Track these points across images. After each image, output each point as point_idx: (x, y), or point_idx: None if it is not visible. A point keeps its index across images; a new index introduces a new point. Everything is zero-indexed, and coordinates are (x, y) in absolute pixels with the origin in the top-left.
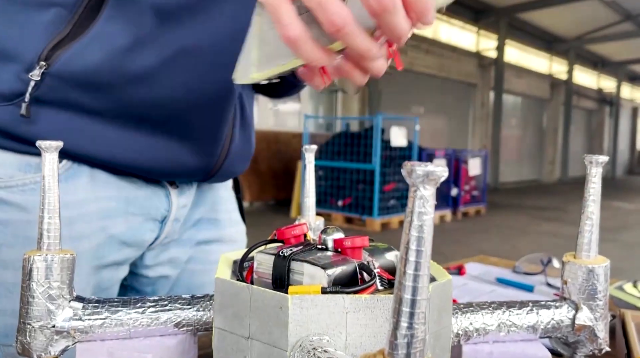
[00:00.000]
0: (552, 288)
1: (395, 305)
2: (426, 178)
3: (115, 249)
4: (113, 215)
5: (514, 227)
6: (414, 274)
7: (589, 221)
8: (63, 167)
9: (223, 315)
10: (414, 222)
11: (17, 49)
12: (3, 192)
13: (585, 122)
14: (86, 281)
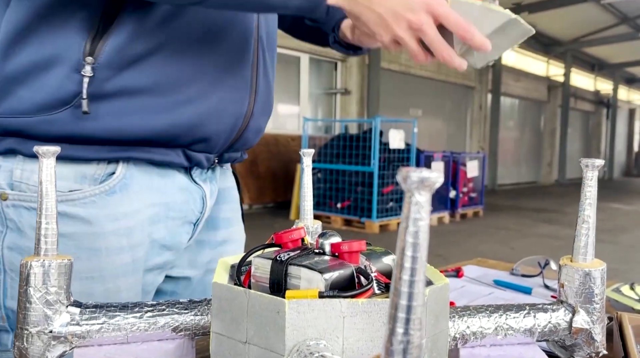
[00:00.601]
0: (550, 290)
1: (391, 311)
2: (421, 184)
3: (157, 253)
4: (157, 221)
5: (512, 229)
6: (409, 280)
7: (585, 224)
8: (117, 177)
9: (220, 319)
10: (409, 228)
11: (58, 53)
12: (65, 206)
13: (583, 124)
14: (137, 289)
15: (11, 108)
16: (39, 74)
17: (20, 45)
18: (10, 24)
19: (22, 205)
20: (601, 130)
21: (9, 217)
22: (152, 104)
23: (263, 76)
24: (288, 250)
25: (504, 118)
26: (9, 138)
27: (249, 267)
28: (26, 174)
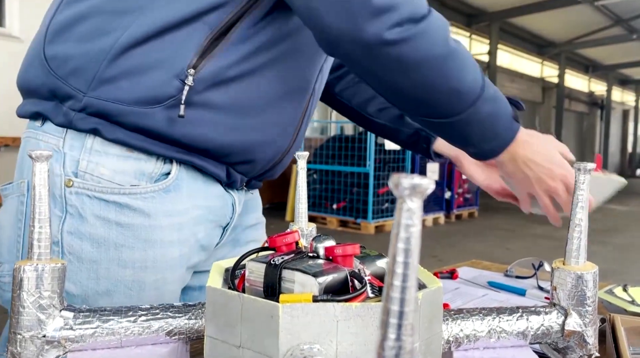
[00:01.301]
0: (544, 291)
1: (382, 317)
2: (413, 190)
3: (196, 252)
4: (199, 222)
5: (507, 229)
6: (401, 286)
7: (578, 228)
8: (172, 178)
9: (215, 323)
10: (401, 234)
11: (167, 59)
12: (127, 198)
13: (577, 125)
14: (180, 282)
15: (109, 94)
16: (145, 72)
17: (142, 47)
18: (141, 27)
19: (84, 193)
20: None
21: (70, 203)
22: (226, 122)
23: (307, 120)
24: (282, 254)
25: None
26: (96, 118)
27: (243, 271)
28: (91, 166)
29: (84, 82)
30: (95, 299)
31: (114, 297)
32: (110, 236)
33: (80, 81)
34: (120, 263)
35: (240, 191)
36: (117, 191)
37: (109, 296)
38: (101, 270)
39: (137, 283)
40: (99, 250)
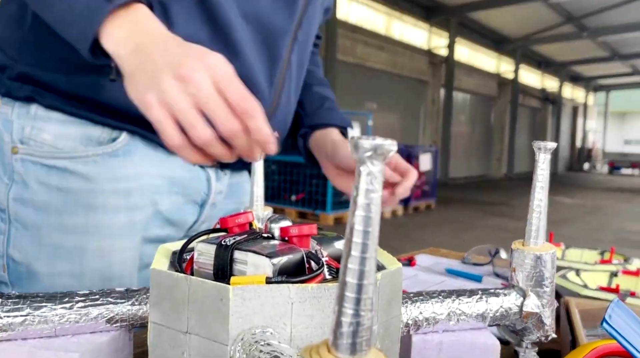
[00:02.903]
0: (500, 278)
1: (339, 291)
2: (374, 152)
3: (159, 224)
4: (159, 191)
5: (463, 221)
6: (360, 256)
7: (537, 208)
8: (121, 142)
9: (159, 308)
10: (361, 200)
11: None
12: (67, 162)
13: (530, 120)
14: (137, 250)
15: (38, 62)
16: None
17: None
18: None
19: (28, 159)
20: (547, 126)
21: (16, 170)
22: None
23: (285, 97)
24: (234, 235)
25: (456, 113)
26: (31, 86)
27: (191, 253)
28: (34, 132)
29: (14, 50)
30: (37, 266)
31: (56, 265)
32: (51, 201)
33: (11, 49)
34: (62, 229)
35: (217, 169)
36: (58, 156)
37: (50, 263)
38: (44, 236)
39: (78, 249)
40: (42, 215)
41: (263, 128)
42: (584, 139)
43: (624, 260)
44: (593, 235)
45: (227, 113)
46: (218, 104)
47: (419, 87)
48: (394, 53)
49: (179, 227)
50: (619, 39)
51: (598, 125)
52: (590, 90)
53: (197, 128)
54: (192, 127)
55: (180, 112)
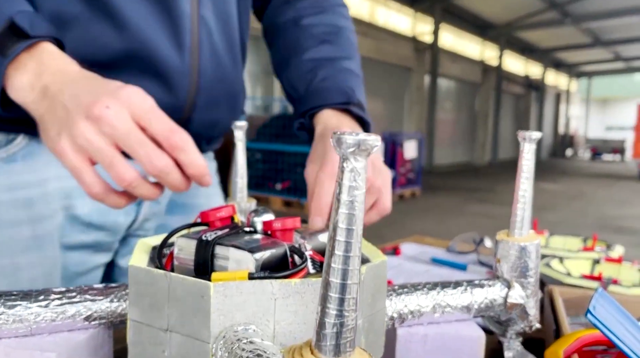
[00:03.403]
0: (484, 266)
1: (322, 291)
2: (357, 148)
3: (80, 230)
4: (74, 195)
5: (447, 208)
6: (343, 256)
7: (522, 199)
8: (18, 145)
9: (139, 306)
10: (344, 198)
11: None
12: None
13: (514, 106)
14: (52, 264)
15: None
16: None
17: None
18: None
19: None
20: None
21: None
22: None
23: (210, 59)
24: (215, 229)
25: (441, 99)
26: None
27: (172, 249)
28: None
29: None
30: None
31: None
32: None
33: None
34: None
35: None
36: None
37: None
38: None
39: None
40: None
41: (196, 160)
42: (567, 125)
43: (606, 246)
44: (575, 220)
45: (153, 149)
46: (141, 141)
47: (403, 74)
48: (378, 40)
49: (109, 230)
50: (602, 26)
51: (580, 111)
52: (573, 76)
53: (119, 169)
54: (112, 170)
55: (97, 153)
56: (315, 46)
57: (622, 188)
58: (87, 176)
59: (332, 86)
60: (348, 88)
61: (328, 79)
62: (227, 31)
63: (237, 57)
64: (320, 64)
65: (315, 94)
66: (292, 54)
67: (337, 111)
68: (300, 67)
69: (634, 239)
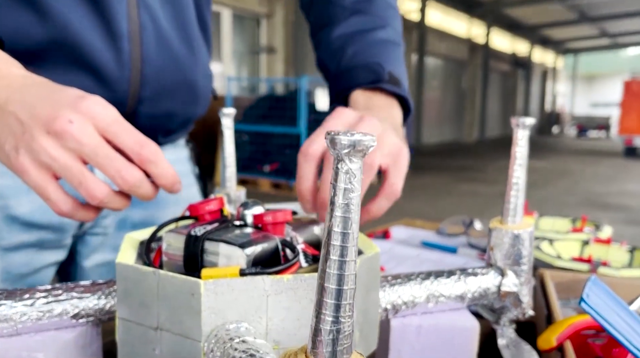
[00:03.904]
0: (475, 248)
1: (318, 297)
2: (353, 149)
3: (19, 230)
4: (11, 194)
5: (436, 188)
6: (339, 261)
7: (516, 186)
8: None
9: (127, 304)
10: (339, 200)
11: None
12: None
13: (501, 84)
14: None
15: None
16: None
17: None
18: None
19: None
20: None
21: None
22: None
23: (156, 37)
24: (204, 223)
25: (428, 78)
26: None
27: (160, 243)
28: None
29: None
30: None
31: None
32: None
33: None
34: None
35: None
36: None
37: None
38: None
39: None
40: None
41: (167, 171)
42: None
43: (595, 227)
44: (561, 197)
45: (123, 164)
46: (110, 156)
47: None
48: None
49: (54, 229)
50: (588, 2)
51: (567, 89)
52: (560, 53)
53: (90, 186)
54: (81, 186)
55: (64, 170)
56: (346, 19)
57: (608, 165)
58: (53, 194)
59: (361, 63)
60: (376, 64)
61: (357, 55)
62: (177, 13)
63: (194, 41)
64: (350, 40)
65: (344, 74)
66: (322, 29)
67: (368, 91)
68: (329, 45)
69: (621, 215)
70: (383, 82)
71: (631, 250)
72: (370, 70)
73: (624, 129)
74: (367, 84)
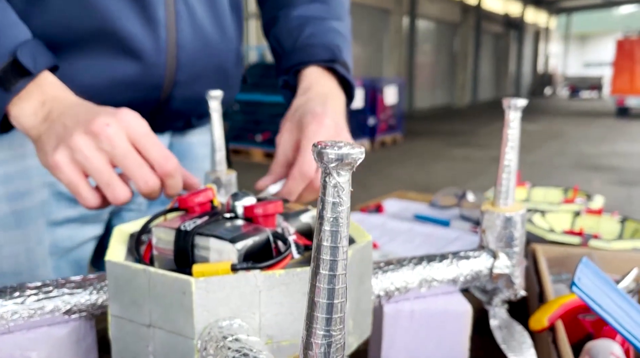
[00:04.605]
0: (467, 221)
1: (308, 311)
2: (340, 162)
3: (66, 205)
4: None
5: (429, 153)
6: (329, 275)
7: (507, 168)
8: None
9: (119, 301)
10: (327, 214)
11: None
12: None
13: (493, 46)
14: (36, 240)
15: None
16: None
17: None
18: None
19: None
20: (510, 52)
21: None
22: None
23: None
24: (194, 217)
25: (420, 42)
26: None
27: (150, 236)
28: None
29: None
30: None
31: None
32: None
33: None
34: None
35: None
36: None
37: None
38: None
39: None
40: None
41: (179, 185)
42: (546, 64)
43: (586, 197)
44: (553, 160)
45: (147, 172)
46: (137, 162)
47: (381, 16)
48: None
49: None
50: None
51: (559, 49)
52: (553, 13)
53: (116, 189)
54: (108, 188)
55: (95, 171)
56: (306, 4)
57: (599, 126)
58: (83, 191)
59: (318, 42)
60: (335, 46)
61: (315, 36)
62: (211, 0)
63: (227, 27)
64: (309, 21)
65: (301, 50)
66: (282, 9)
67: (323, 69)
68: (288, 22)
69: (611, 176)
70: (339, 63)
71: (622, 220)
72: (327, 49)
73: (616, 89)
74: (324, 62)
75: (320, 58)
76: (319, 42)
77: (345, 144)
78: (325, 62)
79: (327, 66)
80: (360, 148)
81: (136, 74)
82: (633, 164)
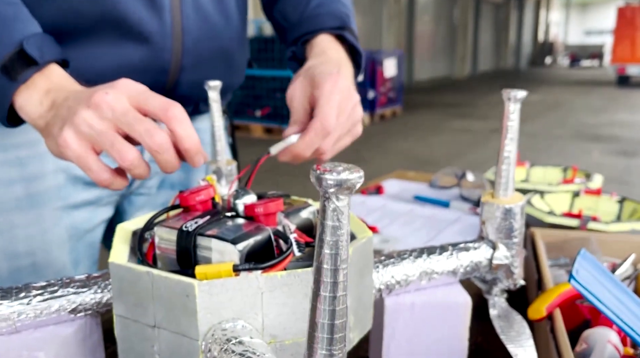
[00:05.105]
0: (467, 201)
1: (310, 330)
2: (339, 187)
3: (82, 189)
4: None
5: (428, 126)
6: (330, 296)
7: (507, 160)
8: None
9: (123, 302)
10: (327, 238)
11: None
12: None
13: (493, 16)
14: (51, 222)
15: None
16: None
17: None
18: None
19: None
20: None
21: None
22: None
23: (195, 9)
24: (196, 216)
25: (420, 12)
26: None
27: (153, 235)
28: None
29: None
30: None
31: None
32: None
33: None
34: None
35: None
36: None
37: None
38: None
39: None
40: None
41: (192, 135)
42: (547, 32)
43: (585, 177)
44: (553, 130)
45: (151, 125)
46: (140, 119)
47: None
48: None
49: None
50: None
51: (560, 17)
52: None
53: (121, 149)
54: (113, 149)
55: (99, 136)
56: None
57: (599, 95)
58: (93, 164)
59: (326, 11)
60: (343, 14)
61: (323, 5)
62: None
63: (231, 13)
64: None
65: (309, 19)
66: None
67: (332, 38)
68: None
69: (610, 146)
70: (348, 30)
71: (620, 200)
72: (336, 17)
73: (617, 58)
74: (333, 29)
75: (330, 26)
76: (327, 10)
77: (344, 168)
78: (335, 29)
79: (337, 33)
80: (359, 172)
81: (143, 59)
82: (633, 134)
